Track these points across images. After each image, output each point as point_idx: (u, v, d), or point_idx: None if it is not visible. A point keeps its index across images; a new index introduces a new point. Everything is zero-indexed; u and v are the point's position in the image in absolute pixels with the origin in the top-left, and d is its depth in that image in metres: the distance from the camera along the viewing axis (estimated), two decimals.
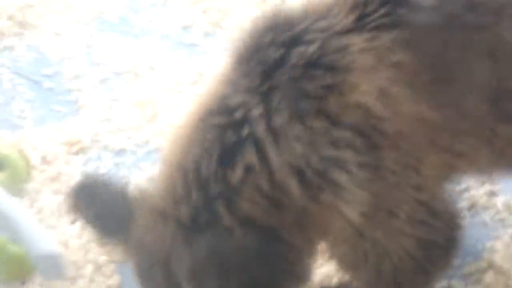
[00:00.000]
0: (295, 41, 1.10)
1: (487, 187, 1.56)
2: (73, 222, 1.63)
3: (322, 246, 1.20)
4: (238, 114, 1.07)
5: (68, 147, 1.81)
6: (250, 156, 1.04)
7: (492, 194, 1.55)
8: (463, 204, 1.51)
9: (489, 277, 1.40)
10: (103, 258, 1.57)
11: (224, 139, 1.06)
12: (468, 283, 1.39)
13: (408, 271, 1.16)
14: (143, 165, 1.76)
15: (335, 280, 1.39)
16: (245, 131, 1.06)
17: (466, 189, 1.55)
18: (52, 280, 1.53)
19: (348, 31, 1.09)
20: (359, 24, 1.09)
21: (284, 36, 1.10)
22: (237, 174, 1.04)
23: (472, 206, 1.53)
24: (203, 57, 2.00)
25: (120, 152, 1.81)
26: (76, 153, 1.81)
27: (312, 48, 1.08)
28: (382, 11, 1.09)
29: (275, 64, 1.09)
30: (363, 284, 1.24)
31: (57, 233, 1.62)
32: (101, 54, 2.04)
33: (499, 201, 1.54)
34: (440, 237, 1.15)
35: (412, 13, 1.08)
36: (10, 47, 2.08)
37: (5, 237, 1.53)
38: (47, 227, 1.62)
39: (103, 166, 1.78)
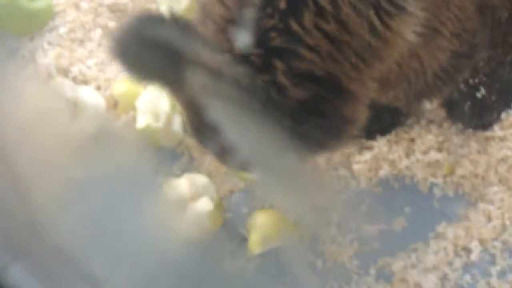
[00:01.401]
0: None
1: None
2: None
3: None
4: None
5: None
6: None
7: None
8: None
9: None
10: (112, 23, 1.55)
11: None
12: None
13: (437, 83, 1.22)
14: None
15: None
16: None
17: None
18: None
19: None
20: None
21: None
22: (306, 19, 0.94)
23: None
24: None
25: None
26: None
27: None
28: None
29: None
30: (394, 100, 1.26)
31: None
32: None
33: None
34: (467, 48, 1.21)
35: None
36: None
37: None
38: None
39: None
